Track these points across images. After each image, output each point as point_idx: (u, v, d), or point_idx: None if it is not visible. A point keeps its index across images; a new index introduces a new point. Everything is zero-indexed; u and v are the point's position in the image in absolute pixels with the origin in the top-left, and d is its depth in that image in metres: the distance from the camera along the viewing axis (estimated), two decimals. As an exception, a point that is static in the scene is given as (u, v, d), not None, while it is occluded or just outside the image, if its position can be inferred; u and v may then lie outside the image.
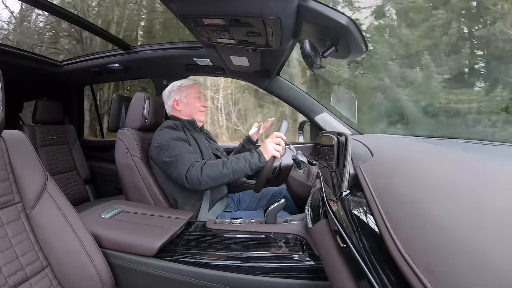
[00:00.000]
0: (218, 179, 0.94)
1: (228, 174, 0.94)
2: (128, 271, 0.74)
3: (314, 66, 0.88)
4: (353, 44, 0.80)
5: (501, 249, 0.24)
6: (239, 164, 0.95)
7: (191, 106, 1.18)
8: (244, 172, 0.96)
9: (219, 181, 0.95)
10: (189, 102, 1.18)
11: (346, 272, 0.40)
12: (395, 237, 0.30)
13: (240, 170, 0.95)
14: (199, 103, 1.19)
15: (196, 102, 1.18)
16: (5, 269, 0.57)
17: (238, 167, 0.95)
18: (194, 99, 1.18)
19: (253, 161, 0.97)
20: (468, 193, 0.37)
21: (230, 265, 0.67)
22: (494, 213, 0.30)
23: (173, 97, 1.18)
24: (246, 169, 0.96)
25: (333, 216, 0.52)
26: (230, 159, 0.97)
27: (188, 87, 1.19)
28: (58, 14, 1.28)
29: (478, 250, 0.24)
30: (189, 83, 1.20)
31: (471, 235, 0.27)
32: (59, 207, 0.70)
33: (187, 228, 0.86)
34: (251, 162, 0.96)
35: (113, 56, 1.69)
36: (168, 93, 1.20)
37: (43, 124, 1.82)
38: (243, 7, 0.75)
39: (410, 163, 0.60)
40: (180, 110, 1.17)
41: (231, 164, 0.95)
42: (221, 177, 0.94)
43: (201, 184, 0.93)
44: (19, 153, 0.69)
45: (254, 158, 0.97)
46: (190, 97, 1.18)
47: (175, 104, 1.17)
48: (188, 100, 1.17)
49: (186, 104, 1.17)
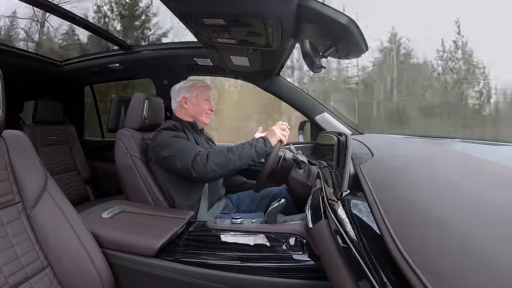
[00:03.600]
0: (225, 165, 0.93)
1: (234, 160, 0.93)
2: (128, 271, 0.74)
3: (314, 66, 0.88)
4: (353, 44, 0.81)
5: (502, 248, 0.24)
6: (245, 149, 0.95)
7: (198, 107, 1.17)
8: (250, 157, 0.95)
9: (225, 167, 0.94)
10: (197, 102, 1.17)
11: (346, 272, 0.40)
12: (395, 237, 0.30)
13: (246, 155, 0.94)
14: (207, 105, 1.19)
15: (204, 104, 1.18)
16: (5, 269, 0.57)
17: (244, 152, 0.94)
18: (203, 101, 1.18)
19: (258, 145, 0.96)
20: (468, 192, 0.37)
21: (230, 265, 0.67)
22: (495, 212, 0.30)
23: (182, 94, 1.17)
24: (252, 154, 0.95)
25: (333, 216, 0.52)
26: (235, 145, 0.97)
27: (200, 88, 1.18)
28: (58, 14, 1.29)
29: (479, 250, 0.24)
30: (202, 84, 1.20)
31: (471, 235, 0.27)
32: (60, 207, 0.69)
33: (188, 228, 0.86)
34: (256, 147, 0.96)
35: (113, 56, 1.70)
36: (178, 89, 1.19)
37: (43, 124, 1.82)
38: (243, 7, 0.75)
39: (410, 163, 0.60)
40: (187, 108, 1.17)
41: (237, 150, 0.95)
42: (227, 163, 0.93)
43: (208, 171, 0.92)
44: (19, 153, 0.69)
45: (259, 142, 0.97)
46: (200, 98, 1.17)
47: (183, 101, 1.17)
48: (197, 100, 1.17)
49: (194, 104, 1.17)
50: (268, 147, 0.97)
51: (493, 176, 0.43)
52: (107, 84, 2.41)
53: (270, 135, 1.00)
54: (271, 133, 1.01)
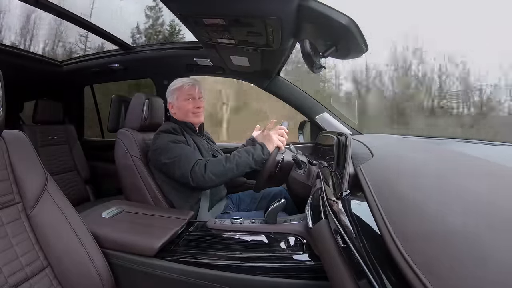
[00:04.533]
0: (223, 175, 0.93)
1: (231, 169, 0.93)
2: (128, 271, 0.74)
3: (314, 66, 0.88)
4: (353, 44, 0.81)
5: (503, 248, 0.24)
6: (242, 157, 0.94)
7: (182, 109, 1.13)
8: (248, 165, 0.94)
9: (223, 177, 0.93)
10: (180, 105, 1.13)
11: (346, 272, 0.40)
12: (395, 237, 0.30)
13: (244, 163, 0.94)
14: (191, 104, 1.12)
15: (186, 105, 1.12)
16: (5, 269, 0.57)
17: (241, 160, 0.94)
18: (184, 102, 1.12)
19: (256, 153, 0.95)
20: (468, 192, 0.37)
21: (230, 265, 0.67)
22: (495, 212, 0.30)
23: (169, 100, 1.16)
24: (249, 161, 0.94)
25: (333, 216, 0.52)
26: (233, 153, 0.96)
27: (177, 89, 1.13)
28: (58, 14, 1.28)
29: (479, 250, 0.24)
30: (178, 85, 1.14)
31: (472, 235, 0.27)
32: (59, 207, 0.69)
33: (187, 228, 0.86)
34: (254, 154, 0.95)
35: (113, 56, 1.70)
36: (167, 94, 1.18)
37: (43, 124, 1.82)
38: (243, 7, 0.75)
39: (410, 162, 0.60)
40: (174, 113, 1.15)
41: (234, 158, 0.94)
42: (225, 172, 0.93)
43: (206, 181, 0.92)
44: (19, 153, 0.69)
45: (257, 150, 0.96)
46: (180, 99, 1.13)
47: (170, 107, 1.16)
48: (178, 103, 1.13)
49: (178, 107, 1.13)
50: (266, 154, 0.96)
51: (493, 176, 0.43)
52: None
53: (268, 142, 0.98)
54: (268, 139, 0.99)
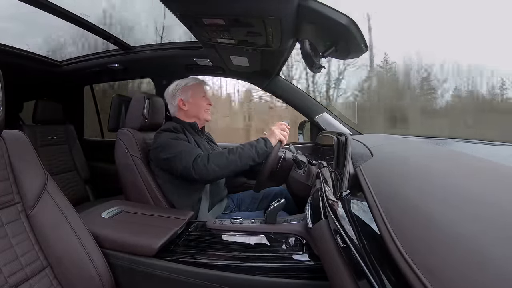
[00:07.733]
0: (225, 167, 0.94)
1: (234, 161, 0.94)
2: (128, 271, 0.74)
3: (314, 66, 0.88)
4: (353, 44, 0.81)
5: (503, 248, 0.24)
6: (245, 150, 0.95)
7: (197, 105, 1.17)
8: (251, 158, 0.95)
9: (226, 169, 0.94)
10: (195, 101, 1.17)
11: (346, 272, 0.40)
12: (395, 237, 0.30)
13: (247, 155, 0.95)
14: (205, 101, 1.19)
15: (202, 101, 1.18)
16: (5, 269, 0.57)
17: (244, 153, 0.95)
18: (200, 98, 1.18)
19: (259, 145, 0.96)
20: (468, 192, 0.37)
21: (230, 265, 0.67)
22: (495, 212, 0.30)
23: (178, 96, 1.16)
24: (252, 154, 0.95)
25: (333, 216, 0.52)
26: (235, 146, 0.97)
27: (193, 86, 1.18)
28: (58, 14, 1.28)
29: (479, 250, 0.24)
30: (194, 82, 1.20)
31: (471, 235, 0.27)
32: (59, 207, 0.69)
33: (187, 228, 0.86)
34: (257, 147, 0.96)
35: (113, 56, 1.69)
36: (172, 93, 1.18)
37: (43, 124, 1.82)
38: (243, 7, 0.75)
39: (410, 163, 0.60)
40: (186, 109, 1.17)
41: (237, 151, 0.95)
42: (228, 164, 0.94)
43: (209, 172, 0.93)
44: (19, 153, 0.69)
45: (260, 143, 0.97)
46: (196, 96, 1.17)
47: (181, 104, 1.16)
48: (194, 100, 1.17)
49: (193, 104, 1.17)
50: (269, 147, 0.98)
51: (494, 176, 0.43)
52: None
53: (270, 135, 1.00)
54: (270, 133, 1.01)
